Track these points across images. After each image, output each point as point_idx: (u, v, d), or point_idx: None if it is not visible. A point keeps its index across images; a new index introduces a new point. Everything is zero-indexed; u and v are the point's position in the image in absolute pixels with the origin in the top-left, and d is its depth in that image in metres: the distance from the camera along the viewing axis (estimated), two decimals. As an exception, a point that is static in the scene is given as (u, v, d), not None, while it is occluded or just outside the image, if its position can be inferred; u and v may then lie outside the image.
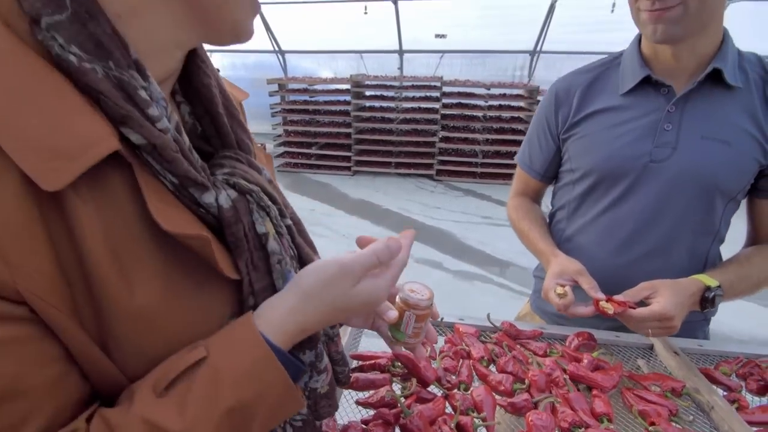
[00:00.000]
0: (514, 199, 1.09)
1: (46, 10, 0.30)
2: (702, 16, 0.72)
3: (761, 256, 0.85)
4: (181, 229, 0.34)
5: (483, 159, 5.63)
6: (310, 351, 0.44)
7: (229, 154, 0.43)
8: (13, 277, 0.28)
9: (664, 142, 0.81)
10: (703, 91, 0.80)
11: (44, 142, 0.28)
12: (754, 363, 0.79)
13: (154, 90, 0.34)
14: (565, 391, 0.69)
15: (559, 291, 0.79)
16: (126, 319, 0.33)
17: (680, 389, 0.71)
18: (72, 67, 0.30)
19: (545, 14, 5.71)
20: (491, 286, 3.20)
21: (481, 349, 0.78)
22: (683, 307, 0.75)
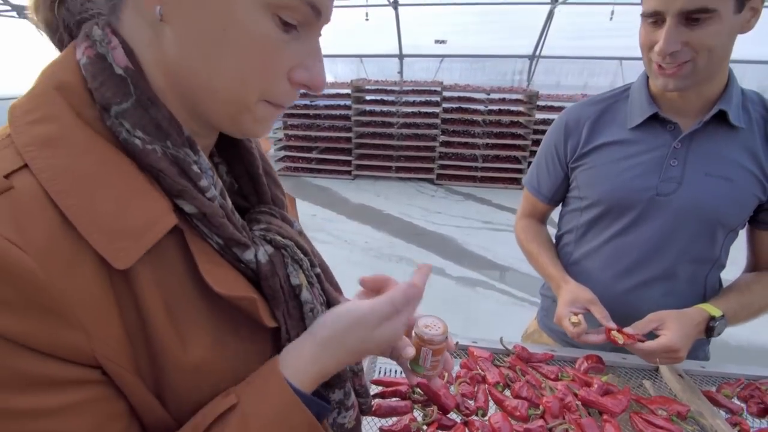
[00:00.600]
0: (522, 221, 1.13)
1: (115, 99, 0.34)
2: (710, 69, 0.76)
3: (761, 284, 0.89)
4: (231, 290, 0.37)
5: (483, 163, 5.68)
6: (339, 390, 0.47)
7: (264, 210, 0.47)
8: (91, 344, 0.32)
9: (670, 177, 0.85)
10: (708, 130, 0.84)
11: (114, 225, 0.32)
12: (754, 385, 0.83)
13: (203, 162, 0.38)
14: (578, 416, 0.73)
15: (573, 320, 0.83)
16: (180, 372, 0.36)
17: (685, 413, 0.75)
18: (137, 149, 0.34)
19: (544, 20, 5.76)
20: (493, 293, 3.24)
21: (496, 374, 0.82)
22: (689, 338, 0.79)
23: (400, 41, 6.33)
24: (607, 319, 0.83)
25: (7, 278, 0.28)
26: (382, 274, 0.55)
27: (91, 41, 0.36)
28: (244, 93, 0.37)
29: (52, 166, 0.31)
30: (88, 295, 0.31)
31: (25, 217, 0.30)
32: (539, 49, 6.27)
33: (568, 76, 6.71)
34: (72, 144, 0.33)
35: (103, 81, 0.34)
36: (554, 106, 5.65)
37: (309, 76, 0.39)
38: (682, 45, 0.73)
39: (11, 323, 0.29)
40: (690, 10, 0.70)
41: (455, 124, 5.73)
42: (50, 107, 0.33)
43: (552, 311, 1.10)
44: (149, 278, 0.34)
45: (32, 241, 0.29)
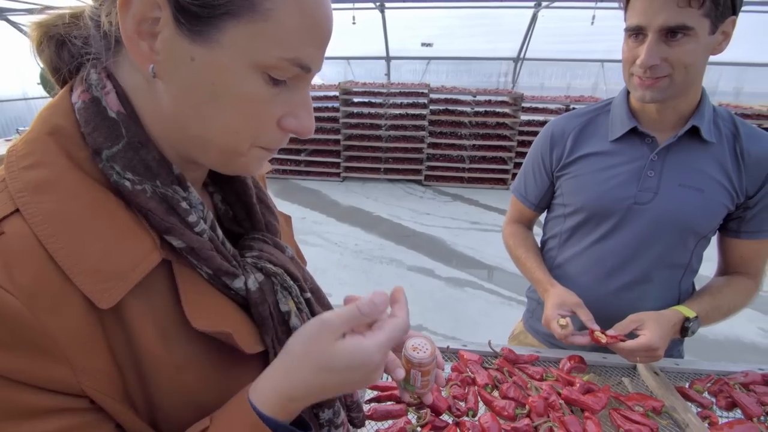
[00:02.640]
0: (510, 226, 1.18)
1: (107, 144, 0.36)
2: (685, 84, 0.82)
3: (730, 287, 0.96)
4: (208, 326, 0.39)
5: (470, 164, 5.76)
6: (329, 409, 0.49)
7: (257, 237, 0.49)
8: (77, 378, 0.34)
9: (647, 187, 0.91)
10: (682, 143, 0.90)
11: (100, 267, 0.34)
12: (723, 381, 0.89)
13: (193, 198, 0.40)
14: (561, 414, 0.78)
15: (561, 322, 0.89)
16: (174, 395, 0.38)
17: (660, 408, 0.81)
18: (126, 190, 0.36)
19: (528, 23, 5.86)
20: (481, 292, 3.31)
21: (485, 376, 0.87)
22: (667, 338, 0.85)
23: (387, 44, 6.37)
24: (592, 321, 0.89)
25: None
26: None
27: (87, 85, 0.38)
28: (237, 142, 0.39)
29: (42, 211, 0.33)
30: (73, 333, 0.33)
31: (13, 262, 0.32)
32: (523, 51, 6.38)
33: (551, 78, 6.84)
34: (63, 189, 0.35)
35: (96, 126, 0.36)
36: (539, 107, 5.76)
37: (298, 125, 0.41)
38: (661, 60, 0.79)
39: (5, 364, 0.31)
40: (671, 26, 0.76)
41: (442, 125, 5.80)
42: (43, 153, 0.35)
43: (537, 313, 1.16)
44: (139, 310, 0.36)
45: (20, 284, 0.31)
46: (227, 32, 0.34)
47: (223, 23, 0.34)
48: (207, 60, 0.35)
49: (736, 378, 0.90)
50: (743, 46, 6.09)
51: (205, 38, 0.34)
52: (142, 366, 0.36)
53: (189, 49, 0.35)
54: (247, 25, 0.34)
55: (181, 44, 0.35)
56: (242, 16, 0.34)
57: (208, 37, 0.34)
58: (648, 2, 0.76)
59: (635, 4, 0.79)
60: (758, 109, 5.38)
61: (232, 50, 0.35)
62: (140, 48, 0.35)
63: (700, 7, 0.74)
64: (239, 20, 0.34)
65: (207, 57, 0.35)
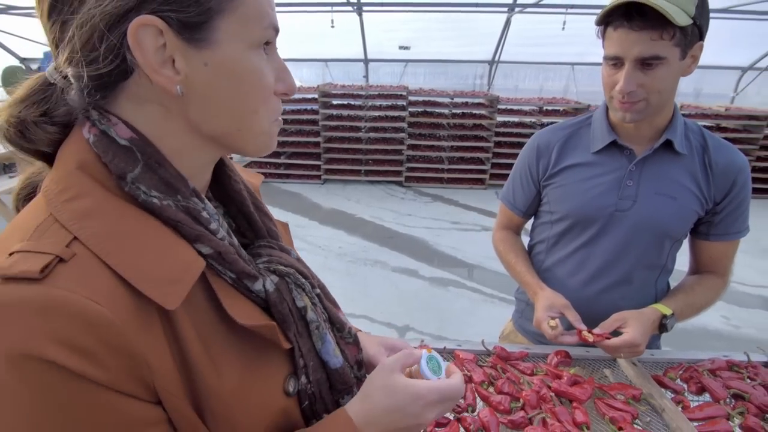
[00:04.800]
0: (500, 232, 1.25)
1: (128, 168, 0.39)
2: (660, 105, 0.91)
3: (701, 286, 1.05)
4: (252, 320, 0.43)
5: (449, 165, 5.87)
6: (348, 395, 0.52)
7: (263, 244, 0.53)
8: (153, 378, 0.36)
9: (627, 196, 1.00)
10: (657, 155, 0.98)
11: (159, 274, 0.37)
12: (693, 368, 0.98)
13: (210, 208, 0.44)
14: (552, 406, 0.85)
15: (551, 324, 0.95)
16: (218, 398, 0.41)
17: (639, 396, 0.89)
18: (156, 207, 0.40)
19: (502, 27, 6.02)
20: (464, 291, 3.39)
21: (481, 374, 0.93)
22: (647, 334, 0.93)
23: (365, 46, 6.41)
24: (579, 321, 0.96)
25: (90, 329, 0.33)
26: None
27: (92, 121, 0.40)
28: (262, 121, 0.44)
29: (95, 234, 0.36)
30: (148, 335, 0.36)
31: (91, 278, 0.35)
32: (498, 54, 6.55)
33: (525, 80, 7.06)
34: (106, 213, 0.38)
35: (114, 153, 0.39)
36: (513, 109, 5.93)
37: (286, 86, 0.46)
38: (637, 86, 0.87)
39: (99, 371, 0.33)
40: (645, 57, 0.84)
41: (421, 127, 5.89)
42: (80, 186, 0.38)
43: (526, 313, 1.23)
44: (186, 317, 0.39)
45: (102, 296, 0.34)
46: (221, 29, 0.39)
47: (216, 22, 0.39)
48: (217, 60, 0.39)
49: (704, 365, 0.99)
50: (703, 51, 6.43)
51: (208, 42, 0.39)
52: (191, 370, 0.39)
53: (200, 57, 0.39)
54: (232, 15, 0.39)
55: (192, 56, 0.39)
56: (226, 9, 0.39)
57: (210, 40, 0.39)
58: (624, 35, 0.84)
59: (612, 35, 0.86)
60: (716, 109, 5.71)
61: (231, 41, 0.40)
62: (165, 75, 0.38)
63: (671, 38, 0.82)
64: (225, 14, 0.39)
65: (216, 57, 0.39)
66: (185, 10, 0.37)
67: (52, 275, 0.33)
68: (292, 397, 0.48)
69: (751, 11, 5.42)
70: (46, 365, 0.32)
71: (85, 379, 0.33)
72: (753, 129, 5.58)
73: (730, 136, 5.55)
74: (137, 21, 0.35)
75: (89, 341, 0.33)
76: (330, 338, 0.52)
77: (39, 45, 6.14)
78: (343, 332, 0.56)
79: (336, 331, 0.56)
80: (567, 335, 0.96)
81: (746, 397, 0.89)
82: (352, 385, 0.54)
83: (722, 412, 0.85)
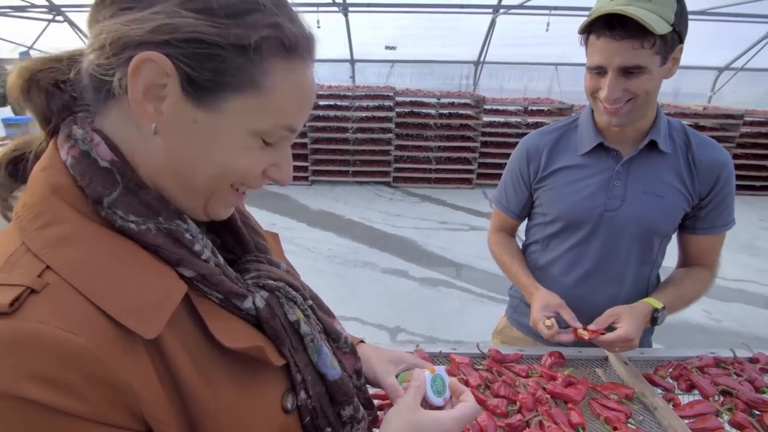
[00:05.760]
0: (495, 235, 1.26)
1: (105, 192, 0.38)
2: (645, 106, 0.93)
3: (690, 278, 1.08)
4: (239, 343, 0.41)
5: (436, 165, 5.90)
6: (349, 406, 0.53)
7: (251, 258, 0.52)
8: (140, 406, 0.35)
9: (615, 196, 1.02)
10: (643, 155, 1.01)
11: (137, 302, 0.36)
12: (682, 366, 1.01)
13: (193, 228, 0.43)
14: (548, 408, 0.85)
15: (547, 323, 0.96)
16: (214, 418, 0.40)
17: (631, 395, 0.90)
18: (133, 232, 0.38)
19: (487, 28, 6.08)
20: (454, 291, 3.41)
21: (477, 377, 0.93)
22: (640, 329, 0.95)
23: (351, 47, 6.39)
24: (574, 320, 0.97)
25: (65, 361, 0.31)
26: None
27: (73, 140, 0.39)
28: (220, 185, 0.43)
29: (69, 263, 0.35)
30: (130, 362, 0.35)
31: (64, 308, 0.33)
32: (483, 55, 6.61)
33: (510, 81, 7.14)
34: (81, 240, 0.36)
35: (92, 177, 0.38)
36: (499, 109, 5.99)
37: (280, 175, 0.46)
38: (622, 91, 0.89)
39: (79, 404, 0.32)
40: (627, 66, 0.86)
41: (408, 127, 5.90)
42: (55, 212, 0.37)
43: (520, 308, 1.24)
44: (173, 341, 0.38)
45: (76, 325, 0.33)
46: (230, 102, 0.39)
47: (227, 95, 0.38)
48: (208, 124, 0.39)
49: (692, 362, 1.02)
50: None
51: (209, 106, 0.38)
52: (184, 392, 0.38)
53: (192, 113, 0.38)
54: (249, 98, 0.39)
55: (185, 108, 0.38)
56: (245, 91, 0.39)
57: (212, 105, 0.38)
58: (607, 44, 0.86)
59: (595, 44, 0.88)
60: (695, 108, 5.88)
61: (233, 118, 0.39)
62: (146, 109, 0.37)
63: (652, 47, 0.84)
64: (242, 94, 0.39)
65: (209, 121, 0.39)
66: (199, 72, 0.37)
67: (22, 308, 0.32)
68: (291, 414, 0.47)
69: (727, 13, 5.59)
70: (23, 403, 0.30)
71: (66, 414, 0.32)
72: (730, 127, 5.75)
73: (708, 134, 5.63)
74: (147, 55, 0.36)
75: (65, 374, 0.32)
76: (326, 350, 0.51)
77: (15, 45, 5.97)
78: (339, 342, 0.56)
79: (332, 341, 0.55)
80: (563, 333, 0.97)
81: (734, 393, 0.91)
82: (352, 395, 0.53)
83: (712, 409, 0.87)
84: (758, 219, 5.07)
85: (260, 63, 0.38)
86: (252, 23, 0.38)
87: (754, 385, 0.94)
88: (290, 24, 0.40)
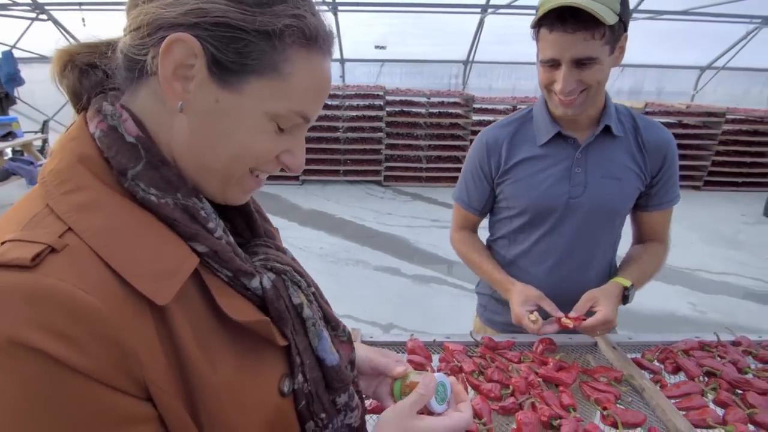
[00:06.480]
0: (458, 233, 1.25)
1: (129, 164, 0.40)
2: (597, 96, 0.97)
3: (648, 254, 1.14)
4: (246, 317, 0.43)
5: (427, 164, 5.93)
6: (344, 393, 0.54)
7: (260, 243, 0.54)
8: (143, 372, 0.36)
9: (577, 183, 1.05)
10: (599, 141, 1.05)
11: (151, 269, 0.38)
12: (669, 349, 1.04)
13: (208, 207, 0.45)
14: (540, 391, 0.87)
15: (532, 318, 0.98)
16: (212, 392, 0.40)
17: (620, 377, 0.93)
18: (152, 204, 0.40)
19: (476, 27, 6.13)
20: (446, 287, 3.44)
21: (471, 363, 0.95)
22: (616, 309, 0.99)
23: (341, 46, 6.39)
24: (556, 309, 1.00)
25: (77, 318, 0.33)
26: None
27: (103, 115, 0.41)
28: (238, 168, 0.45)
29: (91, 227, 0.37)
30: (138, 327, 0.36)
31: (81, 268, 0.35)
32: (472, 54, 6.66)
33: (498, 80, 7.21)
34: (104, 207, 0.38)
35: (118, 150, 0.40)
36: (488, 108, 6.05)
37: (293, 161, 0.48)
38: (576, 83, 0.93)
39: (85, 360, 0.33)
40: (579, 58, 0.89)
41: (399, 126, 5.92)
42: (80, 179, 0.39)
43: (491, 306, 1.26)
44: (179, 313, 0.39)
45: (91, 286, 0.34)
46: (251, 84, 0.41)
47: (249, 77, 0.41)
48: (229, 104, 0.41)
49: (678, 346, 1.05)
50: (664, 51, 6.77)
51: (232, 86, 0.41)
52: (185, 364, 0.39)
53: (216, 93, 0.41)
54: (269, 82, 0.41)
55: (209, 88, 0.41)
56: (266, 74, 0.41)
57: (234, 86, 0.41)
58: (560, 37, 0.89)
59: (548, 38, 0.91)
60: (678, 106, 6.00)
61: (253, 99, 0.42)
62: (174, 87, 0.40)
63: (602, 37, 0.88)
64: (263, 77, 0.41)
65: (230, 101, 0.41)
66: (225, 54, 0.40)
67: (43, 264, 0.33)
68: (287, 398, 0.48)
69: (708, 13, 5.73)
70: (32, 352, 0.31)
71: (71, 368, 0.32)
72: (712, 125, 5.89)
73: (691, 132, 5.84)
74: (178, 35, 0.38)
75: (75, 329, 0.33)
76: (326, 335, 0.52)
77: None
78: (337, 330, 0.56)
79: (330, 329, 0.56)
80: (547, 325, 0.99)
81: (718, 374, 0.94)
82: (348, 382, 0.54)
83: (697, 389, 0.90)
84: (740, 214, 5.19)
85: (282, 49, 0.41)
86: (276, 12, 0.40)
87: (737, 366, 0.97)
88: (311, 16, 0.43)
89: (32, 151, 5.40)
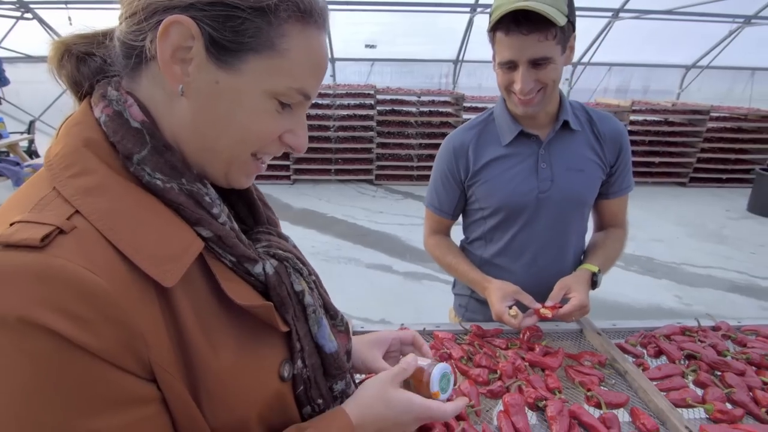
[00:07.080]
0: (431, 238, 1.27)
1: (135, 149, 0.41)
2: (553, 94, 1.02)
3: (610, 239, 1.19)
4: (249, 301, 0.44)
5: (418, 162, 5.96)
6: (341, 381, 0.54)
7: (262, 230, 0.55)
8: (149, 353, 0.37)
9: (544, 178, 1.08)
10: (559, 136, 1.09)
11: (158, 252, 0.39)
12: (651, 335, 1.07)
13: (212, 193, 0.46)
14: (526, 375, 0.90)
15: (512, 313, 1.00)
16: (214, 376, 0.41)
17: (604, 361, 0.96)
18: (158, 188, 0.41)
19: (465, 27, 6.18)
20: (437, 283, 3.46)
21: (460, 350, 0.97)
22: (588, 293, 1.02)
23: (331, 46, 6.39)
24: (533, 302, 1.03)
25: (86, 298, 0.33)
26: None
27: (108, 101, 0.42)
28: (241, 151, 0.45)
29: (98, 210, 0.37)
30: (144, 309, 0.37)
31: (89, 250, 0.36)
32: (462, 53, 6.71)
33: (488, 79, 7.27)
34: (110, 190, 0.39)
35: (123, 134, 0.41)
36: (478, 107, 6.09)
37: (296, 141, 0.48)
38: (534, 82, 0.97)
39: (94, 340, 0.34)
40: (535, 58, 0.93)
41: (390, 125, 5.94)
42: (86, 163, 0.39)
43: (471, 306, 1.30)
44: (183, 296, 0.40)
45: (99, 267, 0.35)
46: (249, 63, 0.41)
47: (247, 56, 0.41)
48: (229, 84, 0.42)
49: (660, 331, 1.08)
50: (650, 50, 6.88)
51: (230, 66, 0.41)
52: (187, 347, 0.40)
53: (215, 74, 0.41)
54: (266, 59, 0.42)
55: (209, 69, 0.41)
56: (263, 52, 0.41)
57: (233, 66, 0.41)
58: (516, 40, 0.92)
59: (504, 41, 0.94)
60: (664, 105, 6.11)
61: (251, 78, 0.42)
62: (173, 71, 0.41)
63: (554, 38, 0.92)
64: (260, 55, 0.41)
65: (229, 82, 0.41)
66: (222, 33, 0.40)
67: (51, 245, 0.34)
68: (286, 383, 0.49)
69: (693, 12, 5.84)
70: (42, 331, 0.32)
71: (80, 347, 0.33)
72: (697, 123, 6.01)
73: (677, 129, 5.95)
74: (174, 17, 0.38)
75: (84, 309, 0.33)
76: (326, 323, 0.53)
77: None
78: (335, 320, 0.58)
79: (329, 318, 0.57)
80: (527, 317, 1.02)
81: (698, 357, 0.97)
82: (346, 370, 0.55)
83: (678, 371, 0.93)
84: (725, 210, 5.30)
85: (277, 25, 0.41)
86: None
87: (717, 349, 1.00)
88: None
89: (18, 151, 5.31)
